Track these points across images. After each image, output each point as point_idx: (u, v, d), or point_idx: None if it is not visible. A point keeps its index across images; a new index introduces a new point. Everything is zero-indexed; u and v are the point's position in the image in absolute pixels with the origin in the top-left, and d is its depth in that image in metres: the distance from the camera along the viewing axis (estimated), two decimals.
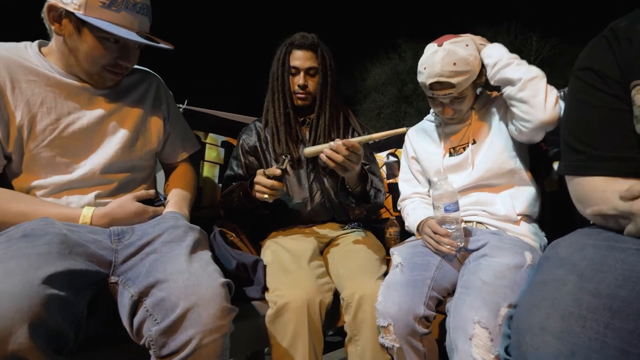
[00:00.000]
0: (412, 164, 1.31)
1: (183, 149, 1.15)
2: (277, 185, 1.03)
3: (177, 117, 1.14)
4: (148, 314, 0.66)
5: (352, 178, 1.09)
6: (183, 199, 1.02)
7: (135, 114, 0.99)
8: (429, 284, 0.93)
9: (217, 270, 0.75)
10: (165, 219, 0.88)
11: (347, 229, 1.28)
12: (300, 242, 1.14)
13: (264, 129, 1.30)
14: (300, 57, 1.23)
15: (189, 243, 0.78)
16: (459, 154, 1.17)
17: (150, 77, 1.07)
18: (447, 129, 1.20)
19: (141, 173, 1.02)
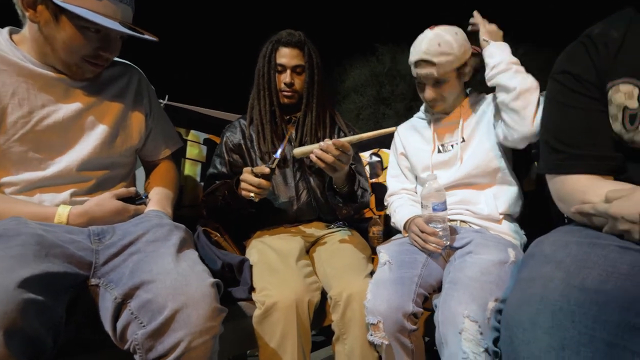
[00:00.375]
0: (401, 160, 1.32)
1: (165, 146, 1.11)
2: (265, 184, 1.01)
3: (159, 112, 1.10)
4: (133, 317, 0.63)
5: (340, 178, 1.09)
6: (165, 197, 0.99)
7: (115, 109, 0.94)
8: (416, 281, 0.94)
9: (206, 269, 0.72)
10: (148, 217, 0.84)
11: (332, 228, 1.28)
12: (287, 242, 1.13)
13: (248, 126, 1.28)
14: (287, 54, 1.21)
15: (175, 242, 0.75)
16: (447, 151, 1.18)
17: (132, 70, 1.02)
18: (437, 126, 1.22)
19: (120, 170, 0.98)
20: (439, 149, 1.20)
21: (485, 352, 0.74)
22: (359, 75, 19.72)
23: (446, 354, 0.78)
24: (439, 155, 1.19)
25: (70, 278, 0.65)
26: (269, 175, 1.02)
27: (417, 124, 1.30)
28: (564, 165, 0.75)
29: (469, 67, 1.14)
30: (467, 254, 0.94)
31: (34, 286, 0.56)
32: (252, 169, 1.02)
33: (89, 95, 0.90)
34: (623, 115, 0.68)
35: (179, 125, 1.48)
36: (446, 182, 1.14)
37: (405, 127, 1.35)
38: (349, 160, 0.99)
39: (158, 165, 1.11)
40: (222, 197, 1.13)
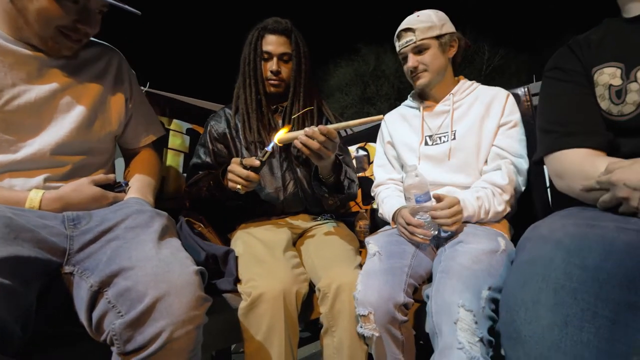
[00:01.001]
0: (388, 149, 1.30)
1: (146, 133, 1.06)
2: (253, 177, 0.97)
3: (141, 98, 1.05)
4: (110, 306, 0.59)
5: (326, 167, 1.07)
6: (147, 185, 0.94)
7: (93, 91, 0.89)
8: (406, 271, 0.93)
9: (189, 257, 0.69)
10: (128, 204, 0.80)
11: (320, 220, 1.26)
12: (273, 233, 1.10)
13: (234, 115, 1.25)
14: (273, 42, 1.18)
15: (156, 228, 0.70)
16: (436, 143, 1.17)
17: (112, 53, 0.97)
18: (426, 115, 1.21)
19: (99, 157, 0.92)
20: (427, 141, 1.19)
21: (481, 341, 0.73)
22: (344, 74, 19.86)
23: (440, 344, 0.76)
24: (427, 148, 1.18)
25: (42, 264, 0.60)
26: (259, 168, 0.98)
27: (406, 112, 1.28)
28: (557, 142, 0.81)
29: (454, 43, 1.17)
30: (457, 243, 0.94)
31: (0, 270, 0.51)
32: (241, 161, 0.98)
33: (65, 75, 0.84)
34: (610, 93, 0.76)
35: (160, 114, 1.42)
36: (433, 180, 1.12)
37: (393, 115, 1.33)
38: (334, 148, 0.97)
39: (139, 154, 1.06)
40: (207, 187, 1.10)
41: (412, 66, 1.14)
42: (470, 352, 0.71)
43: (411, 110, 1.27)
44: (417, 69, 1.15)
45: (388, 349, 0.89)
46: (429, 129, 1.20)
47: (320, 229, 1.19)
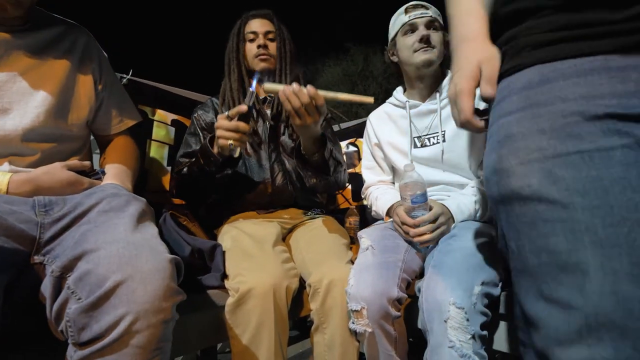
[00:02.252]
0: (375, 150, 1.25)
1: (120, 119, 0.99)
2: (243, 126, 0.90)
3: (112, 81, 0.98)
4: (70, 292, 0.52)
5: (309, 140, 0.99)
6: (124, 171, 0.88)
7: (57, 73, 0.82)
8: (400, 265, 0.90)
9: (164, 245, 0.62)
10: (104, 188, 0.74)
11: (310, 214, 1.22)
12: (262, 227, 1.06)
13: (221, 106, 1.21)
14: (257, 23, 1.22)
15: (131, 212, 0.65)
16: (425, 145, 1.13)
17: (77, 31, 0.90)
18: (413, 113, 1.16)
19: (71, 144, 0.86)
20: (415, 143, 1.14)
21: (472, 338, 0.71)
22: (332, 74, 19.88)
23: (432, 342, 0.74)
24: (418, 151, 1.13)
25: (8, 254, 0.55)
26: (247, 115, 0.91)
27: (391, 111, 1.22)
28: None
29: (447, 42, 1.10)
30: (451, 237, 0.92)
31: None
32: (226, 114, 0.92)
33: (26, 56, 0.78)
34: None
35: (144, 103, 1.36)
36: (427, 179, 1.05)
37: (377, 115, 1.27)
38: (318, 117, 0.89)
39: (113, 140, 0.99)
40: (197, 165, 1.03)
41: (425, 35, 1.05)
42: (461, 350, 0.70)
43: (397, 109, 1.21)
44: (429, 40, 1.06)
45: (380, 345, 0.86)
46: (416, 129, 1.15)
47: (311, 224, 1.16)
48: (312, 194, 1.29)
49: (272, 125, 1.22)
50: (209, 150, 0.98)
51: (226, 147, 0.92)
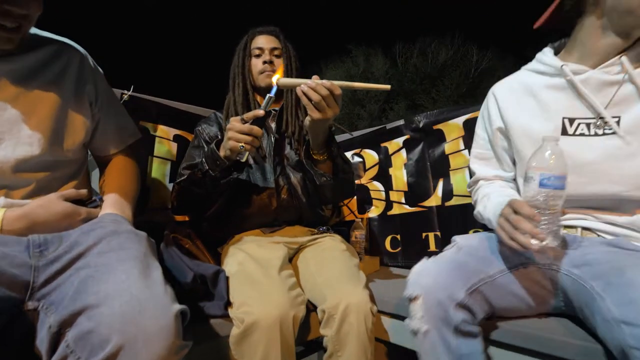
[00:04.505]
0: (497, 138, 0.93)
1: (119, 138, 0.96)
2: (257, 130, 0.89)
3: (109, 99, 0.95)
4: (69, 351, 0.49)
5: (321, 136, 1.00)
6: (123, 197, 0.85)
7: (51, 97, 0.79)
8: (482, 277, 0.73)
9: (169, 292, 0.59)
10: (103, 223, 0.71)
11: (316, 233, 1.19)
12: (268, 249, 1.02)
13: (224, 120, 1.20)
14: (264, 39, 1.22)
15: (133, 254, 0.62)
16: (584, 134, 0.79)
17: (70, 51, 0.86)
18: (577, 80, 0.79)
19: (67, 169, 0.83)
20: (566, 128, 0.80)
21: None
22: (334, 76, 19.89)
23: None
24: (571, 140, 0.79)
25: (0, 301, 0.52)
26: (262, 120, 0.89)
27: (532, 81, 0.88)
28: None
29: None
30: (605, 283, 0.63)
31: None
32: (241, 117, 0.91)
33: (16, 82, 0.74)
34: None
35: (146, 119, 1.34)
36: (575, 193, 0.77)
37: (507, 86, 0.93)
38: (336, 106, 0.89)
39: (113, 160, 0.96)
40: (200, 171, 1.00)
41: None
42: None
43: (542, 77, 0.86)
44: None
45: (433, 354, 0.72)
46: (574, 108, 0.80)
47: (319, 245, 1.12)
48: (318, 208, 1.26)
49: (276, 138, 1.20)
50: (215, 153, 0.96)
51: (236, 150, 0.90)
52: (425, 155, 1.55)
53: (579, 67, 0.80)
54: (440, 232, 1.48)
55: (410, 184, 1.59)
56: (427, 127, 1.54)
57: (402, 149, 1.63)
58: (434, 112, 1.54)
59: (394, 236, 1.63)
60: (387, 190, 1.68)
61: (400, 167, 1.63)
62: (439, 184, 1.50)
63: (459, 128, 1.45)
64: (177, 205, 1.16)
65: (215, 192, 1.06)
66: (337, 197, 1.30)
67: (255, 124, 0.89)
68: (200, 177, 1.01)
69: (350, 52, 21.35)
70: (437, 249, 1.47)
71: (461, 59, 21.50)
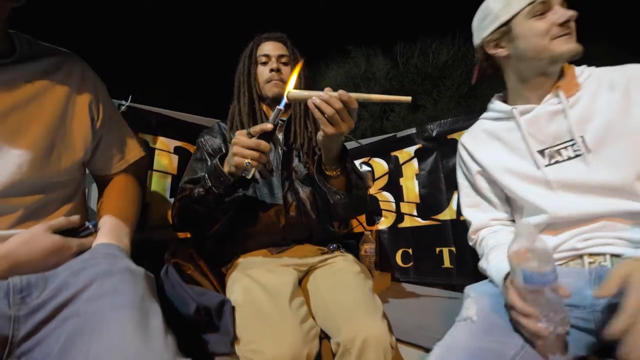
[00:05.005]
0: (479, 181, 0.96)
1: (121, 157, 0.90)
2: (264, 145, 0.81)
3: (112, 114, 0.88)
4: None
5: (334, 151, 0.92)
6: (122, 223, 0.78)
7: (47, 112, 0.72)
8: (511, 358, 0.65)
9: (170, 344, 0.51)
10: (95, 259, 0.63)
11: (327, 253, 1.11)
12: (276, 274, 0.95)
13: (229, 130, 1.13)
14: (270, 46, 1.16)
15: (128, 299, 0.54)
16: (557, 160, 0.82)
17: (71, 62, 0.79)
18: (527, 121, 0.86)
19: (62, 192, 0.76)
20: (538, 160, 0.85)
21: None
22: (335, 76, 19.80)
23: None
24: (548, 171, 0.83)
25: None
26: (270, 134, 0.82)
27: (491, 127, 0.95)
28: None
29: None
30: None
31: None
32: (247, 130, 0.83)
33: (6, 95, 0.67)
34: None
35: (145, 131, 1.26)
36: (579, 214, 0.78)
37: (471, 136, 1.00)
38: (351, 120, 0.81)
39: (113, 180, 0.89)
40: (203, 187, 0.93)
41: (570, 16, 0.79)
42: None
43: (499, 123, 0.94)
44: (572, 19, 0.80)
45: None
46: (538, 141, 0.85)
47: (330, 266, 1.04)
48: (328, 224, 1.19)
49: (284, 151, 1.13)
50: (219, 168, 0.89)
51: (241, 166, 0.83)
52: (439, 165, 1.48)
53: (526, 106, 0.87)
54: (455, 247, 1.41)
55: (423, 196, 1.52)
56: (440, 136, 1.47)
57: (413, 158, 1.56)
58: (448, 120, 1.46)
59: (406, 250, 1.55)
60: (397, 202, 1.61)
61: (412, 178, 1.56)
62: (453, 196, 1.43)
63: None
64: (177, 223, 1.09)
65: (218, 210, 0.98)
66: (350, 214, 1.23)
67: (262, 138, 0.82)
68: (203, 194, 0.94)
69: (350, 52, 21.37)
70: (452, 265, 1.40)
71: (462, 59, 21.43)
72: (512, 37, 0.85)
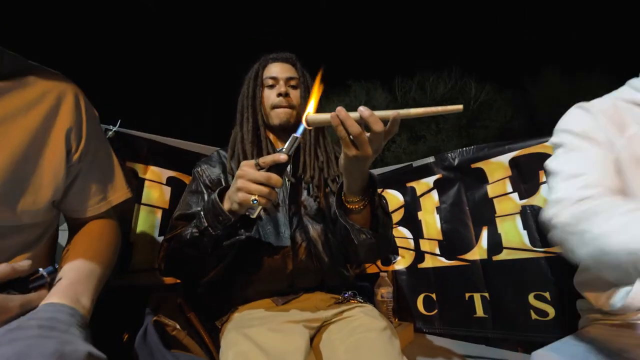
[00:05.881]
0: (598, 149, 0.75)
1: (102, 197, 0.75)
2: (275, 179, 0.65)
3: (98, 146, 0.75)
4: None
5: (359, 179, 0.75)
6: (85, 278, 0.61)
7: (14, 140, 0.59)
8: None
9: None
10: (22, 330, 0.45)
11: (343, 304, 0.93)
12: (283, 336, 0.76)
13: (229, 160, 0.99)
14: (278, 67, 1.05)
15: None
16: None
17: (58, 85, 0.67)
18: None
19: (20, 237, 0.62)
20: None
21: None
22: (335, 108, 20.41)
23: None
24: None
25: None
26: (283, 166, 0.66)
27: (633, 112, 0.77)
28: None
29: None
30: None
31: None
32: (255, 161, 0.67)
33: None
34: None
35: (134, 159, 1.12)
36: None
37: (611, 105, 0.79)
38: (380, 142, 0.66)
39: (88, 224, 0.74)
40: (197, 227, 0.77)
41: None
42: None
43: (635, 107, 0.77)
44: None
45: None
46: None
47: (348, 321, 0.85)
48: (342, 267, 1.01)
49: (292, 183, 0.98)
50: (218, 205, 0.73)
51: (246, 204, 0.67)
52: (463, 198, 1.32)
53: None
54: (488, 292, 1.22)
55: (446, 232, 1.35)
56: (463, 165, 1.32)
57: (432, 189, 1.40)
58: (471, 148, 1.32)
59: (428, 295, 1.36)
60: (416, 238, 1.43)
61: (432, 211, 1.39)
62: (482, 233, 1.26)
63: (504, 167, 1.23)
64: (165, 267, 0.91)
65: (214, 255, 0.81)
66: (373, 258, 1.06)
67: (273, 171, 0.66)
68: (197, 235, 0.77)
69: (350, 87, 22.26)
70: (486, 315, 1.20)
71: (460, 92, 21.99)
72: None
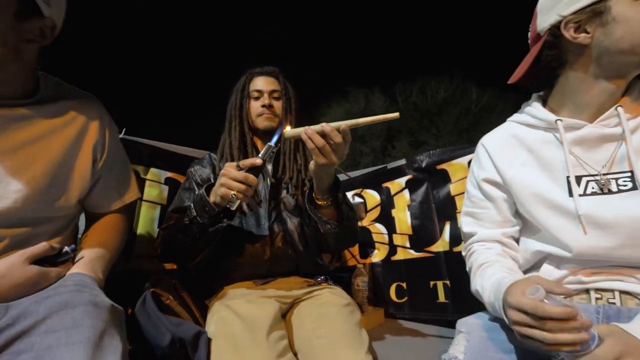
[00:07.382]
0: (491, 191, 0.83)
1: (118, 197, 0.92)
2: (252, 179, 0.83)
3: (116, 154, 0.90)
4: None
5: (325, 182, 0.94)
6: (100, 257, 0.77)
7: (53, 152, 0.74)
8: None
9: None
10: (62, 287, 0.62)
11: (314, 285, 1.08)
12: (258, 305, 0.92)
13: (218, 162, 1.15)
14: (263, 81, 1.19)
15: (85, 335, 0.52)
16: (596, 192, 0.69)
17: (89, 104, 0.83)
18: (576, 139, 0.72)
19: (51, 225, 0.77)
20: (571, 187, 0.71)
21: None
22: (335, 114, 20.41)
23: None
24: (586, 202, 0.69)
25: None
26: (259, 169, 0.84)
27: (522, 135, 0.80)
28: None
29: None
30: None
31: None
32: (237, 163, 0.85)
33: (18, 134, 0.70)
34: None
35: (137, 162, 1.29)
36: (608, 258, 0.68)
37: (498, 139, 0.85)
38: (343, 150, 0.84)
39: (104, 217, 0.90)
40: (187, 217, 0.94)
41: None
42: None
43: (533, 131, 0.79)
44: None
45: None
46: (581, 164, 0.72)
47: (316, 299, 1.01)
48: (316, 257, 1.16)
49: (273, 183, 1.13)
50: (204, 198, 0.90)
51: (227, 197, 0.84)
52: (430, 196, 1.47)
53: (574, 121, 0.73)
54: (449, 280, 1.36)
55: (415, 227, 1.50)
56: (430, 166, 1.48)
57: (404, 189, 1.56)
58: (436, 151, 1.48)
59: (400, 284, 1.51)
60: (390, 233, 1.58)
61: (404, 209, 1.55)
62: (445, 227, 1.41)
63: (464, 168, 1.38)
64: (161, 253, 1.08)
65: (201, 241, 0.98)
66: (341, 245, 1.22)
67: (251, 172, 0.84)
68: (187, 223, 0.94)
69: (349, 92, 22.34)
70: (447, 300, 1.35)
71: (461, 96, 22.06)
72: (605, 20, 0.66)
